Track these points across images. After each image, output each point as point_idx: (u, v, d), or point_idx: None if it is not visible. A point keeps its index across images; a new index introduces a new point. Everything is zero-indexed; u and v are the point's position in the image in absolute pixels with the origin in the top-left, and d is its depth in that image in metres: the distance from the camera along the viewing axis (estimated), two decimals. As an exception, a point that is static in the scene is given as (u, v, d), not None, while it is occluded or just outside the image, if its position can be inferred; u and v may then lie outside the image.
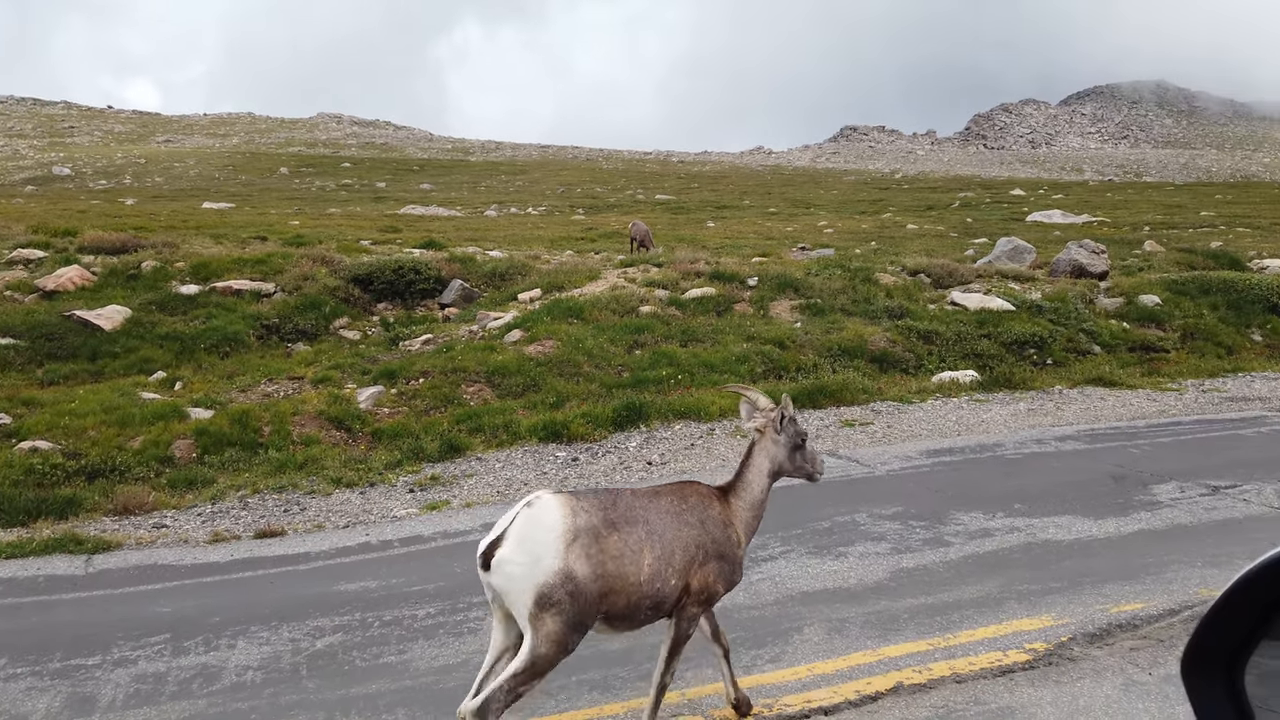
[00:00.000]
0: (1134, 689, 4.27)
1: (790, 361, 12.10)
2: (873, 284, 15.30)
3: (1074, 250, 17.90)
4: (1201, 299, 15.40)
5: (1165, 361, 13.39)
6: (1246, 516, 6.82)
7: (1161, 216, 39.52)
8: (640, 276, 15.19)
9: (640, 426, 9.92)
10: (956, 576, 5.78)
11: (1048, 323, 13.81)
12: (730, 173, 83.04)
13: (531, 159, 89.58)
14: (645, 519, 3.57)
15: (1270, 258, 21.96)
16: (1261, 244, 26.84)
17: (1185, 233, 31.98)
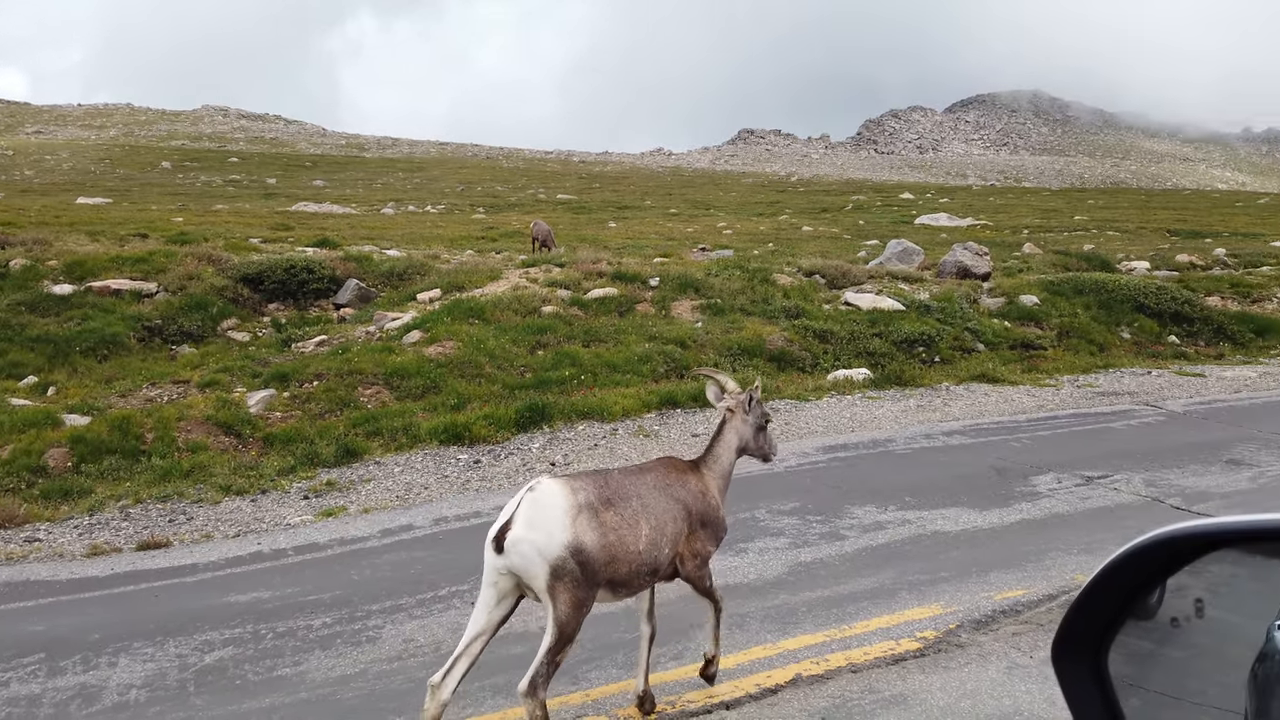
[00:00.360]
0: (1016, 672, 4.49)
1: (692, 361, 12.24)
2: (771, 284, 15.62)
3: (959, 252, 18.68)
4: (1076, 299, 16.27)
5: (1043, 358, 14.09)
6: (1117, 505, 7.25)
7: (1039, 220, 41.60)
8: (542, 276, 15.13)
9: (544, 427, 9.88)
10: (852, 569, 5.97)
11: (935, 322, 14.36)
12: (631, 173, 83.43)
13: (430, 156, 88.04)
14: (637, 494, 3.91)
15: (1137, 260, 23.39)
16: (1129, 247, 28.56)
17: (1060, 236, 33.74)
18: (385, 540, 6.78)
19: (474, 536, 6.73)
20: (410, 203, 46.18)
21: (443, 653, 4.88)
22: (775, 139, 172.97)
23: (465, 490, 8.06)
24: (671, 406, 10.75)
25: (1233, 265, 23.50)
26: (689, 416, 10.51)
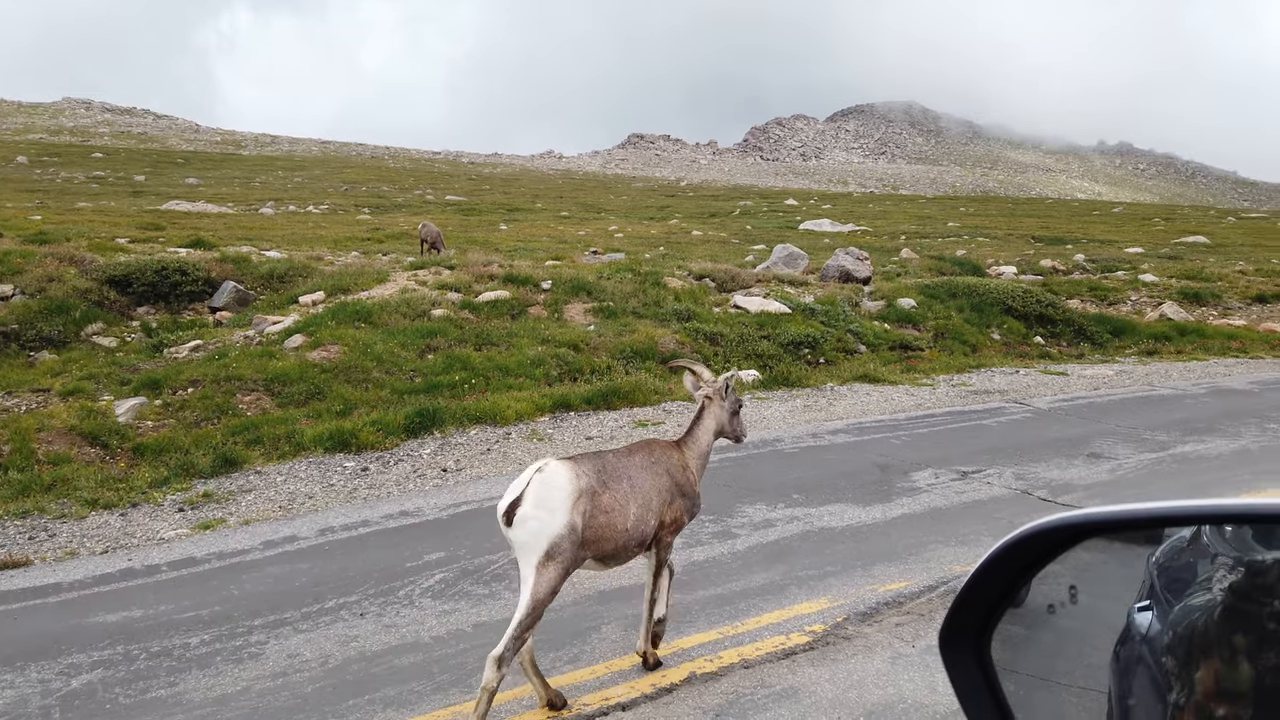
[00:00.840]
0: (900, 661, 4.67)
1: (585, 364, 12.25)
2: (662, 288, 15.78)
3: (841, 257, 19.29)
4: (950, 302, 17.04)
5: (921, 359, 14.70)
6: (990, 498, 7.63)
7: (915, 226, 43.39)
8: (432, 279, 14.86)
9: (434, 432, 9.70)
10: (744, 566, 6.08)
11: (820, 324, 14.79)
12: (522, 175, 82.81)
13: (311, 155, 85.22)
14: (627, 474, 4.33)
15: (1005, 265, 24.67)
16: (998, 252, 30.08)
17: (935, 241, 35.27)
18: (268, 553, 6.53)
19: (363, 546, 6.57)
20: (291, 203, 44.61)
21: (331, 666, 4.74)
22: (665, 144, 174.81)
23: (353, 499, 7.85)
24: (565, 409, 10.72)
25: (1091, 270, 25.05)
26: (583, 419, 10.51)
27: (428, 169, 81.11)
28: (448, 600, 5.57)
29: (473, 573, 6.00)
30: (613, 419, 10.58)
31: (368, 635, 5.10)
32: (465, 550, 6.41)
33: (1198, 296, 20.91)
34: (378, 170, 73.38)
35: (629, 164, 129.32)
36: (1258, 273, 24.29)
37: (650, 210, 51.94)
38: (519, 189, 65.71)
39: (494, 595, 5.63)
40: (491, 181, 72.40)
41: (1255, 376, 14.08)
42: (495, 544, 6.51)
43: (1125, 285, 21.80)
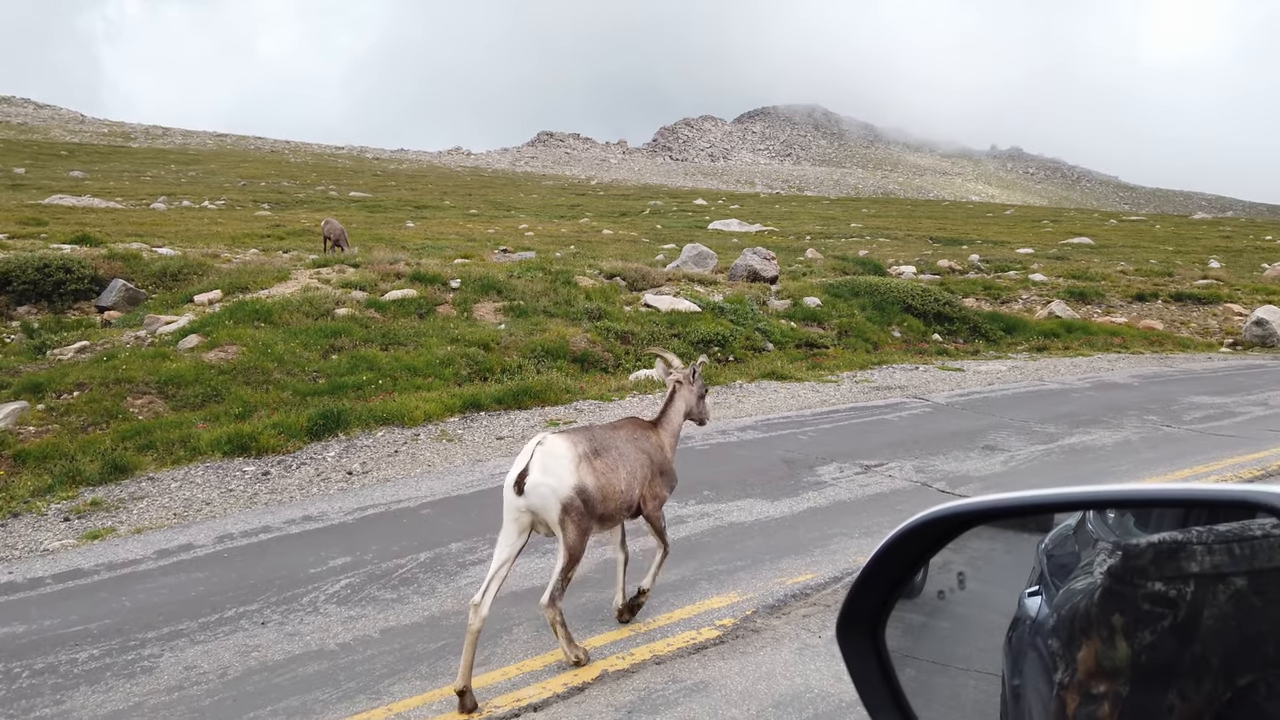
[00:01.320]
0: (807, 652, 4.78)
1: (495, 363, 12.13)
2: (573, 286, 15.75)
3: (749, 257, 19.61)
4: (853, 300, 17.50)
5: (826, 356, 15.06)
6: (892, 490, 7.87)
7: (820, 227, 44.41)
8: (336, 277, 14.49)
9: (339, 435, 9.46)
10: (655, 563, 6.12)
11: (729, 323, 15.00)
12: (429, 172, 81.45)
13: (207, 148, 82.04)
14: (615, 446, 4.78)
15: (905, 264, 25.46)
16: (899, 252, 31.04)
17: (839, 242, 36.16)
18: (162, 562, 6.26)
19: (264, 553, 6.36)
20: (185, 198, 42.85)
21: (230, 677, 4.58)
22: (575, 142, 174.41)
23: (253, 504, 7.59)
24: (475, 409, 10.60)
25: (985, 270, 26.07)
26: (493, 419, 10.41)
27: (331, 164, 78.97)
28: (354, 606, 5.44)
29: (380, 577, 5.88)
30: (524, 418, 10.51)
31: (269, 644, 4.94)
32: (372, 555, 6.28)
33: (1083, 295, 21.98)
34: (278, 165, 71.07)
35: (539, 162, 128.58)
36: (1137, 272, 25.68)
37: (561, 209, 51.77)
38: (426, 186, 64.59)
39: (402, 600, 5.53)
40: (398, 178, 70.96)
41: (1135, 371, 14.89)
42: (403, 548, 6.40)
43: (1017, 284, 22.75)
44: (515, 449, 9.27)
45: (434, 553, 6.30)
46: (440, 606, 5.43)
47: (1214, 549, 0.90)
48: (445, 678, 4.53)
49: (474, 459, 8.93)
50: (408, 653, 4.83)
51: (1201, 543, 0.92)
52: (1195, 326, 20.39)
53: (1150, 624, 0.92)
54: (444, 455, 9.04)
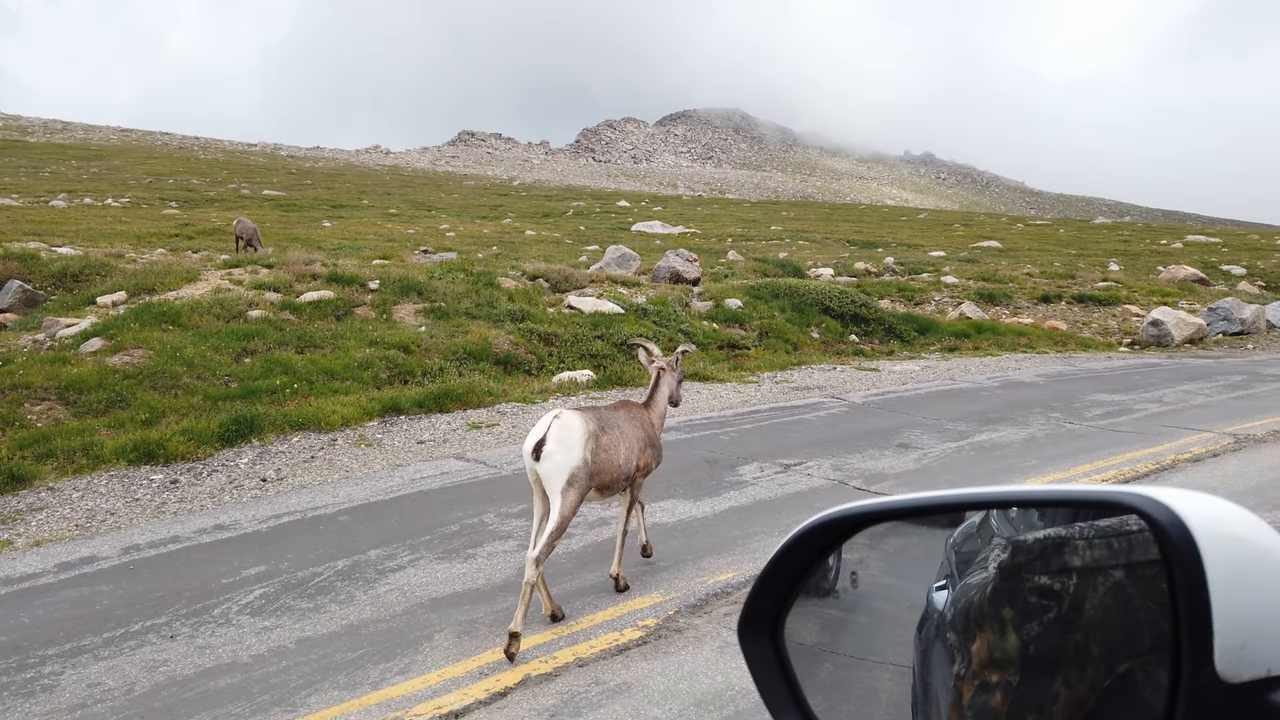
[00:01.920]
0: (728, 650, 4.85)
1: (416, 366, 11.96)
2: (495, 288, 15.63)
3: (672, 258, 19.75)
4: (773, 302, 17.79)
5: (747, 357, 15.27)
6: (810, 489, 8.03)
7: (741, 230, 44.97)
8: (248, 278, 14.08)
9: (253, 441, 9.20)
10: (579, 566, 6.13)
11: (652, 324, 15.09)
12: (346, 170, 79.79)
13: (110, 144, 78.77)
14: (616, 424, 5.40)
15: (823, 267, 25.98)
16: (817, 255, 31.65)
17: (759, 244, 36.68)
18: (63, 575, 6.00)
19: (173, 564, 6.15)
20: (87, 195, 41.07)
21: (137, 694, 4.42)
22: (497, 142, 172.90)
23: (161, 514, 7.33)
24: (395, 413, 10.43)
25: (899, 272, 26.78)
26: (414, 423, 10.26)
27: (243, 161, 76.62)
28: (268, 617, 5.30)
29: (296, 586, 5.74)
30: (445, 422, 10.39)
31: (179, 658, 4.79)
32: (288, 564, 6.13)
33: (992, 297, 22.77)
34: (186, 162, 68.66)
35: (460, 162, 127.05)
36: (1042, 275, 26.72)
37: (483, 209, 51.27)
38: (343, 185, 63.21)
39: (319, 609, 5.41)
40: (313, 176, 69.27)
41: (1041, 370, 15.49)
42: (320, 555, 6.27)
43: (930, 286, 23.44)
44: (436, 453, 9.16)
45: (352, 560, 6.19)
46: (359, 615, 5.33)
47: (1094, 544, 0.96)
48: (364, 687, 4.46)
49: (394, 464, 8.79)
50: (325, 663, 4.74)
51: (1083, 538, 0.97)
52: (1096, 327, 21.31)
53: (1037, 616, 0.98)
54: (362, 460, 8.88)
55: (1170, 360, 17.16)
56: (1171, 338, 19.15)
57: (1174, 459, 8.82)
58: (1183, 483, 8.07)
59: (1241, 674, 0.71)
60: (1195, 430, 10.11)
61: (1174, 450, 9.17)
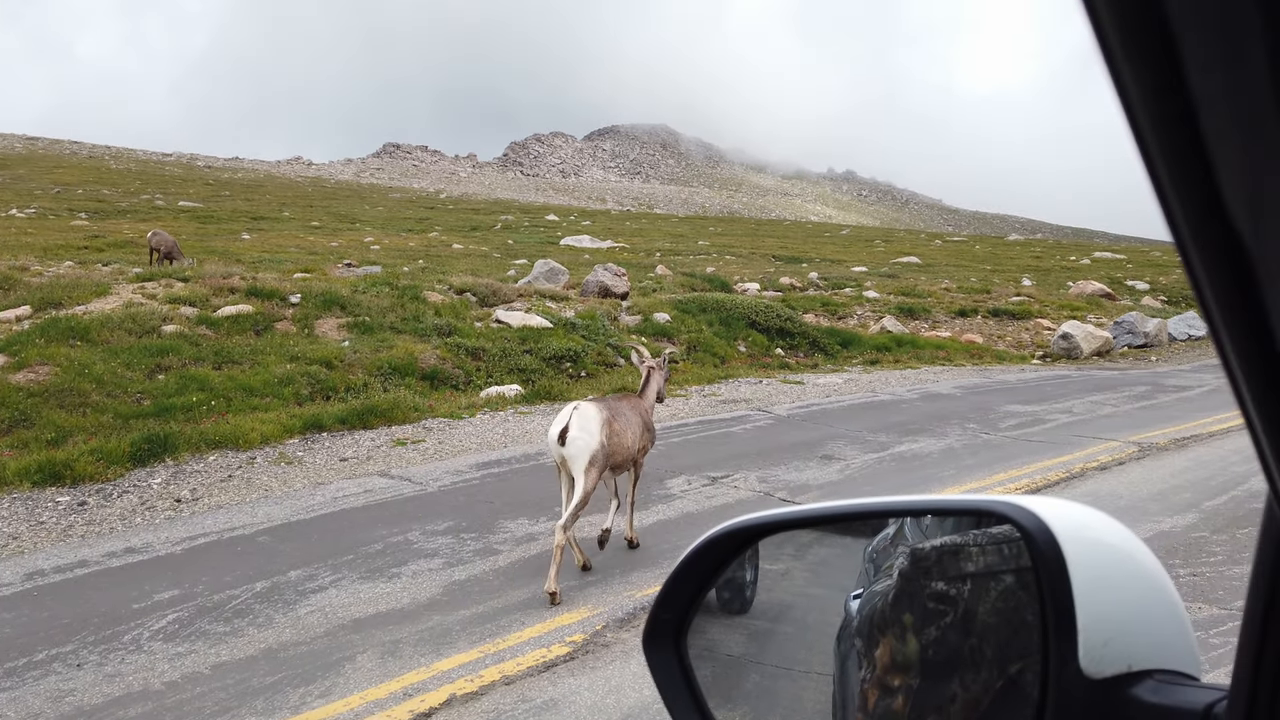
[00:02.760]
0: (655, 662, 4.87)
1: (339, 381, 11.73)
2: (422, 302, 15.44)
3: (601, 273, 19.80)
4: (701, 316, 17.96)
5: (675, 371, 15.36)
6: (737, 501, 8.12)
7: (669, 244, 45.30)
8: (163, 292, 13.64)
9: (166, 460, 8.90)
10: (506, 582, 6.08)
11: (581, 338, 15.08)
12: (267, 182, 77.96)
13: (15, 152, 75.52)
14: (623, 413, 6.31)
15: (750, 281, 26.34)
16: (744, 270, 32.07)
17: (687, 259, 37.00)
18: (-41, 605, 5.71)
19: (80, 590, 5.90)
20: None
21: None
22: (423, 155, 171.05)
23: (68, 537, 7.04)
24: (317, 430, 10.21)
25: (823, 287, 27.30)
26: (336, 440, 10.05)
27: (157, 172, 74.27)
28: (182, 642, 5.13)
29: (211, 610, 5.57)
30: (369, 438, 10.21)
31: (86, 688, 4.60)
32: (203, 587, 5.94)
33: (912, 311, 23.37)
34: (97, 171, 66.24)
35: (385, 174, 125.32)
36: (959, 289, 27.55)
37: (409, 222, 50.60)
38: (264, 196, 61.73)
39: (236, 632, 5.26)
40: (232, 187, 67.50)
41: (958, 382, 15.96)
42: (237, 577, 6.09)
43: (852, 301, 23.95)
44: (360, 471, 9.00)
45: (271, 582, 6.03)
46: (278, 638, 5.20)
47: (987, 550, 1.01)
48: (283, 712, 4.35)
49: (315, 482, 8.60)
50: (242, 688, 4.60)
51: (977, 545, 1.02)
52: (1010, 340, 22.06)
53: (935, 621, 1.03)
54: (282, 479, 8.66)
55: (1079, 372, 17.86)
56: (1080, 350, 19.94)
57: (1083, 467, 9.18)
58: (1091, 490, 8.41)
59: (1104, 670, 0.77)
60: (1103, 439, 10.53)
61: (1083, 459, 9.54)
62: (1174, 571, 6.11)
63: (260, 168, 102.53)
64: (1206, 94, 0.34)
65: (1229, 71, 0.32)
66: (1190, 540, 6.76)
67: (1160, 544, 6.69)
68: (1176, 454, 9.76)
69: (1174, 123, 0.35)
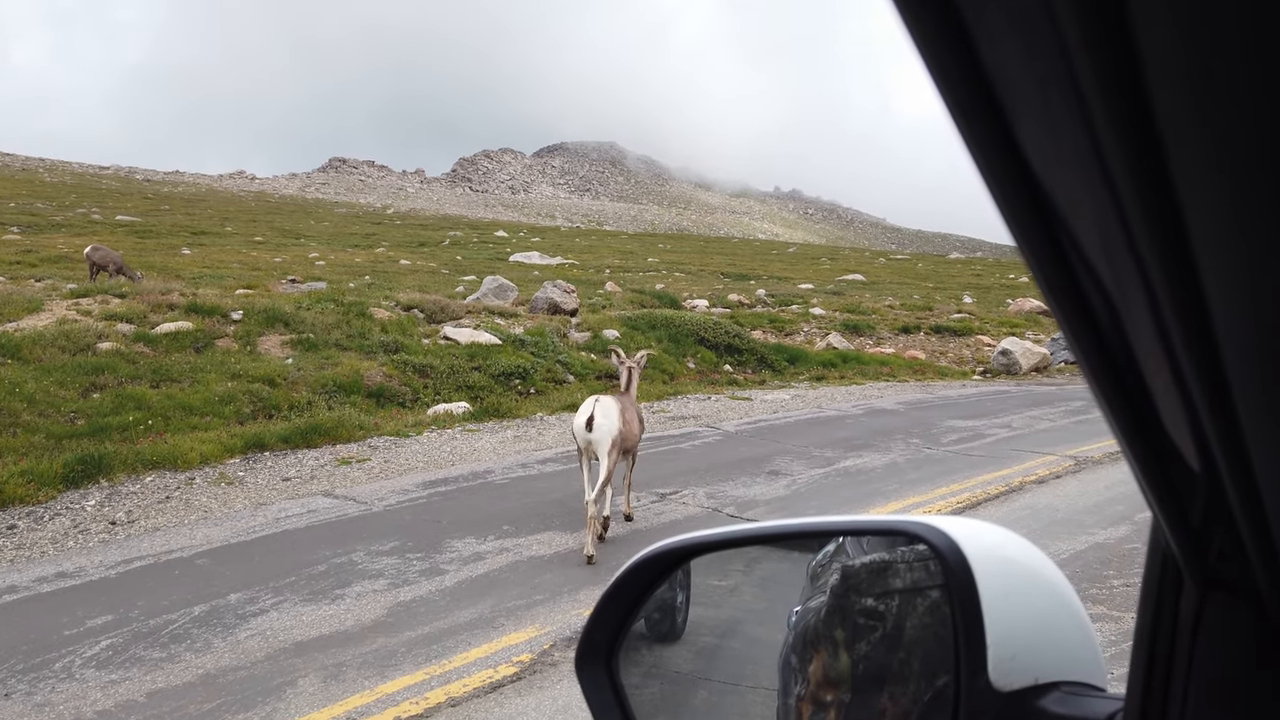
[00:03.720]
0: (603, 680, 4.86)
1: (282, 400, 11.53)
2: (368, 319, 15.26)
3: (550, 289, 19.78)
4: (650, 333, 18.03)
5: (625, 388, 15.39)
6: (686, 517, 8.16)
7: (619, 261, 45.44)
8: (98, 309, 13.28)
9: (101, 481, 8.65)
10: (453, 603, 6.02)
11: (530, 355, 15.04)
12: (209, 196, 76.52)
13: (-59, 161, 73.09)
14: (629, 406, 7.37)
15: (699, 298, 26.52)
16: (692, 286, 32.29)
17: (637, 275, 37.14)
18: (-123, 635, 5.47)
19: (8, 617, 5.71)
20: (-88, 216, 37.92)
21: (-36, 762, 4.07)
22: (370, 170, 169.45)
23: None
24: (259, 449, 10.02)
25: (771, 304, 27.60)
26: (279, 459, 9.87)
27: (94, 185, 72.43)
28: (116, 669, 4.99)
29: (147, 635, 5.42)
30: (313, 457, 10.05)
31: (14, 718, 4.44)
32: (139, 612, 5.78)
33: (857, 328, 23.74)
34: (30, 184, 64.38)
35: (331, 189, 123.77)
36: (903, 306, 28.07)
37: (355, 237, 50.01)
38: (205, 211, 60.54)
39: (173, 658, 5.12)
40: (172, 201, 66.09)
41: (901, 397, 16.24)
42: (174, 601, 5.94)
43: (799, 317, 24.25)
44: (303, 490, 8.85)
45: (210, 605, 5.89)
46: (217, 663, 5.08)
47: (914, 566, 1.05)
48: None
49: (257, 502, 8.43)
50: (178, 715, 4.49)
51: (905, 561, 1.06)
52: (952, 356, 22.52)
53: (865, 636, 1.06)
54: (223, 500, 8.48)
55: (1019, 387, 18.30)
56: (1019, 366, 20.43)
57: (1021, 481, 9.41)
58: (1029, 503, 8.62)
59: (1013, 682, 0.80)
60: (1040, 454, 10.80)
61: (1021, 473, 9.77)
62: (1108, 582, 6.29)
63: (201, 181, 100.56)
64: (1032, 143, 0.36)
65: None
66: (1124, 552, 6.96)
67: (1096, 555, 6.89)
68: (1110, 467, 10.04)
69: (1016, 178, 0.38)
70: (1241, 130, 0.29)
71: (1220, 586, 0.51)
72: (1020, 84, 0.34)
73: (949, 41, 0.33)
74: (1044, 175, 0.37)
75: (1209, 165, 0.31)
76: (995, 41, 0.33)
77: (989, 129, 0.36)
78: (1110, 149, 0.32)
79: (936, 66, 0.34)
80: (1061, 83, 0.32)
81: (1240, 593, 0.50)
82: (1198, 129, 0.30)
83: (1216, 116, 0.29)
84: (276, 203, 78.62)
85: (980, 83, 0.34)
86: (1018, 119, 0.35)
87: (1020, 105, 0.35)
